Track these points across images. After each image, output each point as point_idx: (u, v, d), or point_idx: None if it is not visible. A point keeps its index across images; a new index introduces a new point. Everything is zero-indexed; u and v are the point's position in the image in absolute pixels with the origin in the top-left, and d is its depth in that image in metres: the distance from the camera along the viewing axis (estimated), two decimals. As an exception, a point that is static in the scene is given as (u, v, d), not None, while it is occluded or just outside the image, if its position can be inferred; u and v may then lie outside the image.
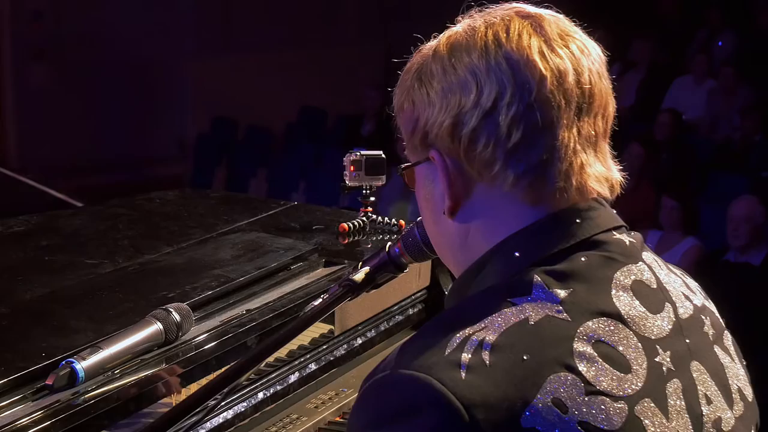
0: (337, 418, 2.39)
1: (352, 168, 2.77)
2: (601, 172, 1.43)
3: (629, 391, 1.32)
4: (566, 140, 1.39)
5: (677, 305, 1.45)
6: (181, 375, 2.05)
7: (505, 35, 1.40)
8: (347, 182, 2.79)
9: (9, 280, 2.38)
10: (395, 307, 2.74)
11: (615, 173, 1.46)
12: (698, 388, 1.41)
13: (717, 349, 1.49)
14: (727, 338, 1.54)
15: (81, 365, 1.88)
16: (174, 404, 1.96)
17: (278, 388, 2.33)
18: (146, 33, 10.64)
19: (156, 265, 2.49)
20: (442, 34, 1.49)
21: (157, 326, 2.03)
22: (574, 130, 1.40)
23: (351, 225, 2.80)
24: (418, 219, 1.85)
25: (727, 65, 9.32)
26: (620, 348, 1.34)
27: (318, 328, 2.44)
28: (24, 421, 1.77)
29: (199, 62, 11.24)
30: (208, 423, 2.11)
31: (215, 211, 3.02)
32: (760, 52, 9.58)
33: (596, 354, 1.32)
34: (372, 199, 2.85)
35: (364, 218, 2.84)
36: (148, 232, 2.78)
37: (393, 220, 2.86)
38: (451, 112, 1.40)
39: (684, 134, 8.38)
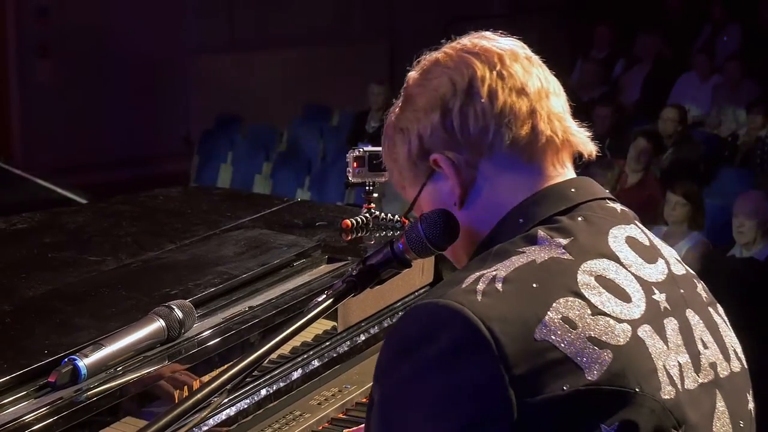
0: (341, 415, 2.39)
1: (355, 164, 2.77)
2: (576, 128, 1.60)
3: (631, 316, 1.44)
4: (541, 95, 1.57)
5: (670, 263, 1.57)
6: (184, 372, 2.05)
7: (458, 44, 1.63)
8: (350, 178, 2.79)
9: (12, 277, 2.38)
10: (398, 304, 2.74)
11: (586, 135, 1.62)
12: (694, 331, 1.52)
13: (711, 310, 1.60)
14: (720, 309, 1.64)
15: (83, 362, 1.88)
16: (177, 401, 1.96)
17: (281, 384, 2.33)
18: (151, 29, 10.63)
19: (159, 262, 2.49)
20: (407, 77, 1.67)
21: (159, 323, 2.03)
22: (544, 92, 1.58)
23: (354, 221, 2.80)
24: (422, 215, 1.85)
25: (733, 60, 9.29)
26: (619, 281, 1.47)
27: (321, 325, 2.44)
28: (27, 418, 1.78)
29: (204, 58, 11.24)
30: (211, 420, 2.11)
31: (218, 208, 3.02)
32: (765, 47, 9.55)
33: (599, 285, 1.44)
34: (375, 195, 2.85)
35: (367, 215, 2.84)
36: (151, 229, 2.77)
37: (396, 216, 2.86)
38: (438, 108, 1.56)
39: (689, 129, 8.36)
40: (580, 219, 1.52)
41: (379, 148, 2.80)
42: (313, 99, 10.52)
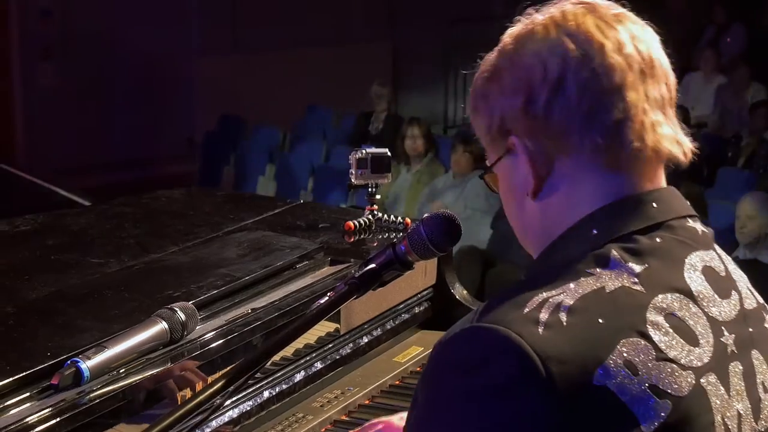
0: (343, 417, 2.39)
1: (357, 166, 2.77)
2: (672, 134, 1.49)
3: (697, 363, 1.37)
4: (635, 100, 1.44)
5: (743, 296, 1.51)
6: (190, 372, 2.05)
7: (562, 18, 1.48)
8: (353, 180, 2.79)
9: (15, 279, 2.38)
10: (401, 306, 2.74)
11: (686, 140, 1.52)
12: (757, 375, 1.45)
13: None
14: None
15: (86, 364, 1.88)
16: (179, 403, 1.96)
17: (284, 386, 2.33)
18: (154, 31, 10.63)
19: (162, 264, 2.49)
20: (504, 35, 1.55)
21: (162, 325, 2.03)
22: (641, 91, 1.46)
23: (357, 223, 2.80)
24: (424, 216, 1.85)
25: (737, 61, 9.29)
26: (690, 323, 1.39)
27: (324, 327, 2.44)
28: (29, 420, 1.77)
29: (207, 60, 11.24)
30: (213, 422, 2.11)
31: (221, 210, 3.02)
32: (769, 48, 9.55)
33: (668, 325, 1.37)
34: (378, 197, 2.85)
35: (369, 216, 2.84)
36: (154, 230, 2.78)
37: (399, 218, 2.86)
38: (523, 92, 1.45)
39: (692, 130, 8.35)
40: (658, 240, 1.43)
41: (382, 150, 2.84)
42: (315, 100, 10.53)
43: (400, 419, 2.11)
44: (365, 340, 2.60)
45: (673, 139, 1.48)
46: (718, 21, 10.39)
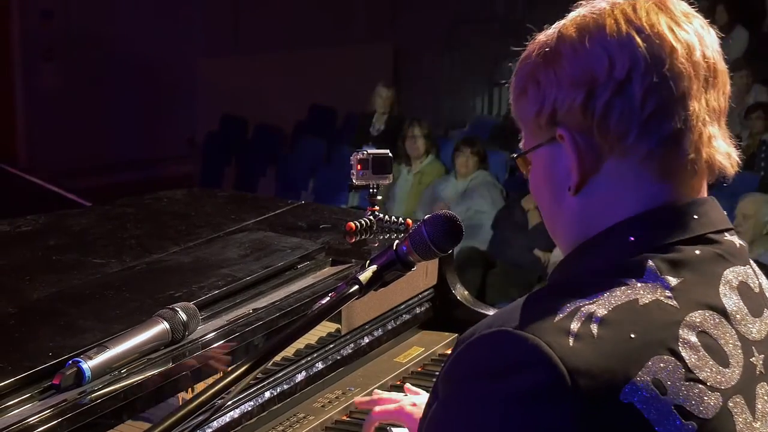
0: (344, 417, 2.39)
1: (359, 167, 2.78)
2: (725, 148, 1.45)
3: (725, 384, 1.35)
4: (697, 111, 1.40)
5: None
6: (188, 374, 2.05)
7: (633, 13, 1.42)
8: (354, 181, 2.80)
9: (16, 280, 2.38)
10: (402, 306, 2.74)
11: (734, 152, 1.47)
12: None
13: None
14: None
15: (88, 365, 1.88)
16: (181, 403, 1.97)
17: (285, 387, 2.33)
18: (156, 32, 10.65)
19: (163, 264, 2.49)
20: (562, 21, 1.48)
21: (163, 325, 2.03)
22: (703, 101, 1.41)
23: (358, 224, 2.80)
24: (426, 217, 1.85)
25: (738, 63, 9.28)
26: (721, 342, 1.37)
27: (325, 327, 2.44)
28: (31, 420, 1.77)
29: (208, 61, 11.25)
30: (215, 422, 2.11)
31: (223, 210, 3.02)
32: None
33: (699, 343, 1.34)
34: (379, 197, 2.85)
35: (371, 217, 2.84)
36: (155, 231, 2.78)
37: (400, 218, 2.86)
38: (584, 87, 1.40)
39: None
40: (697, 253, 1.39)
41: (383, 151, 2.84)
42: (317, 101, 10.54)
43: (411, 405, 2.12)
44: (366, 340, 2.60)
45: (725, 154, 1.45)
46: (720, 23, 10.39)
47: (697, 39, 1.42)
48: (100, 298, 2.25)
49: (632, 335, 1.31)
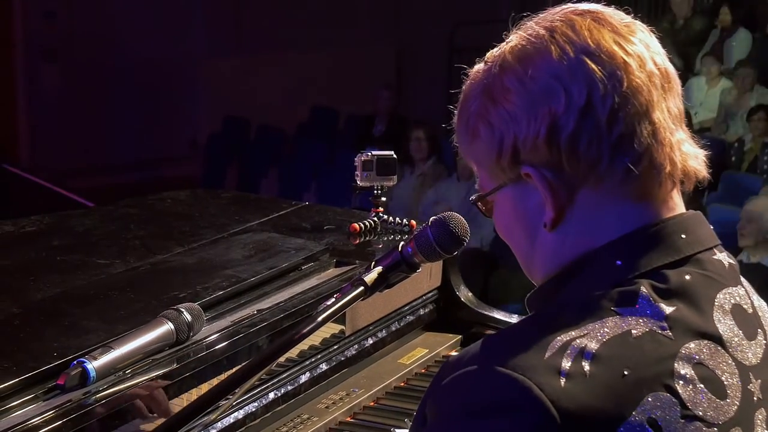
0: (348, 418, 2.39)
1: (363, 168, 2.77)
2: (693, 151, 1.41)
3: (723, 418, 1.31)
4: (662, 120, 1.36)
5: (767, 332, 1.45)
6: (192, 375, 2.05)
7: (573, 34, 1.37)
8: (358, 182, 2.80)
9: (21, 280, 2.38)
10: (406, 308, 2.74)
11: (700, 152, 1.43)
12: None
13: None
14: None
15: (92, 365, 1.88)
16: (185, 404, 1.97)
17: (289, 388, 2.33)
18: (158, 33, 10.65)
19: (167, 265, 2.49)
20: (497, 50, 1.43)
21: (168, 326, 2.03)
22: (665, 110, 1.38)
23: (362, 225, 2.80)
24: (432, 219, 1.85)
25: (741, 65, 9.28)
26: (718, 372, 1.33)
27: (329, 329, 2.44)
28: (35, 420, 1.78)
29: (210, 62, 11.26)
30: (219, 423, 2.11)
31: (226, 212, 3.02)
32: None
33: (696, 377, 1.30)
34: (383, 199, 2.85)
35: (375, 218, 2.84)
36: (159, 232, 2.78)
37: (404, 220, 2.86)
38: (544, 121, 1.34)
39: (696, 134, 8.34)
40: (687, 278, 1.34)
41: (388, 153, 2.84)
42: (319, 103, 10.54)
43: None
44: (370, 341, 2.60)
45: (694, 156, 1.41)
46: (723, 25, 10.38)
47: (645, 48, 1.38)
48: (105, 299, 2.25)
49: (626, 372, 1.26)
